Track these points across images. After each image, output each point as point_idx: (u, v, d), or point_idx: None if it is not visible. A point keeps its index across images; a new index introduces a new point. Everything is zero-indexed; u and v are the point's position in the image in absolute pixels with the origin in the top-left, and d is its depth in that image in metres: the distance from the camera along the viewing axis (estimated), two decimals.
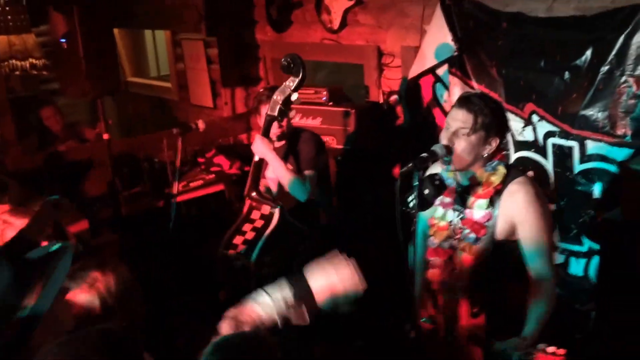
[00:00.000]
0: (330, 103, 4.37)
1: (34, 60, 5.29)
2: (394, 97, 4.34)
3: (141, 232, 4.34)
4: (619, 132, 3.01)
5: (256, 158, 3.26)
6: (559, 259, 3.32)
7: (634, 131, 2.96)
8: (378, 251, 3.69)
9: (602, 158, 3.08)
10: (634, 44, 2.94)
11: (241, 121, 5.94)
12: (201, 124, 3.64)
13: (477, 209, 2.31)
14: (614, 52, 2.99)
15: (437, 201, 2.36)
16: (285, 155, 3.42)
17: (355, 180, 4.24)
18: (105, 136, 4.26)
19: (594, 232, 3.17)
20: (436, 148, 2.23)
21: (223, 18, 5.54)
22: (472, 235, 2.32)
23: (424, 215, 2.48)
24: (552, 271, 2.31)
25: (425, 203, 2.18)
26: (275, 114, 3.14)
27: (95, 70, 3.91)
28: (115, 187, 4.46)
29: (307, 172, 3.34)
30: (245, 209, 3.23)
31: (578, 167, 3.20)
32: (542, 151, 3.36)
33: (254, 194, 3.21)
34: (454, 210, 2.40)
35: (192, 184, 4.93)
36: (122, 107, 7.09)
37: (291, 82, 3.07)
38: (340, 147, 4.30)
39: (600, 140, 3.08)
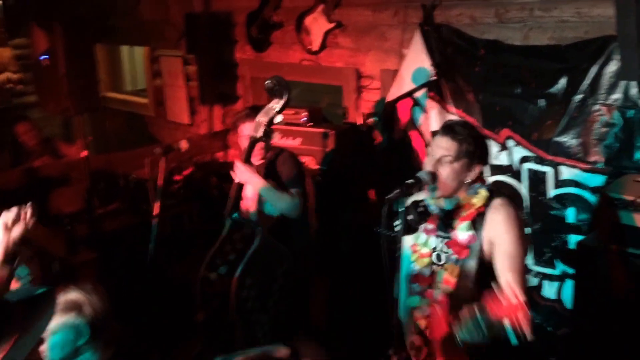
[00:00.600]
0: (310, 124, 4.41)
1: (9, 74, 5.23)
2: (372, 119, 4.39)
3: (119, 250, 4.29)
4: (592, 158, 3.10)
5: (237, 179, 3.25)
6: (533, 281, 3.39)
7: (606, 158, 3.05)
8: (359, 274, 3.71)
9: (576, 184, 3.17)
10: (606, 74, 3.04)
11: (219, 139, 5.92)
12: (184, 145, 3.60)
13: (460, 231, 2.34)
14: (587, 81, 3.10)
15: (420, 227, 2.39)
16: (265, 174, 3.42)
17: (334, 201, 4.26)
18: (84, 153, 4.21)
19: (567, 256, 3.24)
20: (421, 174, 2.27)
21: (203, 36, 5.55)
22: (454, 257, 2.35)
23: (407, 240, 2.50)
24: (524, 292, 2.29)
25: (409, 229, 2.21)
26: (259, 135, 3.11)
27: (76, 88, 3.88)
28: (92, 204, 4.41)
29: (293, 190, 3.30)
30: (225, 230, 3.22)
31: (552, 192, 3.28)
32: (517, 175, 3.43)
33: (235, 215, 3.21)
34: (438, 236, 2.42)
35: (167, 202, 4.89)
36: (98, 123, 7.02)
37: (275, 104, 3.07)
38: (320, 167, 4.33)
39: (574, 167, 3.17)
